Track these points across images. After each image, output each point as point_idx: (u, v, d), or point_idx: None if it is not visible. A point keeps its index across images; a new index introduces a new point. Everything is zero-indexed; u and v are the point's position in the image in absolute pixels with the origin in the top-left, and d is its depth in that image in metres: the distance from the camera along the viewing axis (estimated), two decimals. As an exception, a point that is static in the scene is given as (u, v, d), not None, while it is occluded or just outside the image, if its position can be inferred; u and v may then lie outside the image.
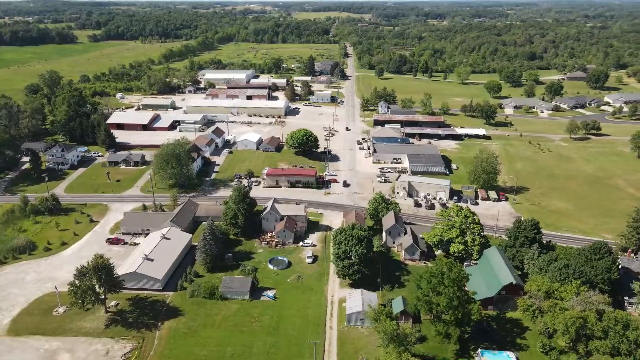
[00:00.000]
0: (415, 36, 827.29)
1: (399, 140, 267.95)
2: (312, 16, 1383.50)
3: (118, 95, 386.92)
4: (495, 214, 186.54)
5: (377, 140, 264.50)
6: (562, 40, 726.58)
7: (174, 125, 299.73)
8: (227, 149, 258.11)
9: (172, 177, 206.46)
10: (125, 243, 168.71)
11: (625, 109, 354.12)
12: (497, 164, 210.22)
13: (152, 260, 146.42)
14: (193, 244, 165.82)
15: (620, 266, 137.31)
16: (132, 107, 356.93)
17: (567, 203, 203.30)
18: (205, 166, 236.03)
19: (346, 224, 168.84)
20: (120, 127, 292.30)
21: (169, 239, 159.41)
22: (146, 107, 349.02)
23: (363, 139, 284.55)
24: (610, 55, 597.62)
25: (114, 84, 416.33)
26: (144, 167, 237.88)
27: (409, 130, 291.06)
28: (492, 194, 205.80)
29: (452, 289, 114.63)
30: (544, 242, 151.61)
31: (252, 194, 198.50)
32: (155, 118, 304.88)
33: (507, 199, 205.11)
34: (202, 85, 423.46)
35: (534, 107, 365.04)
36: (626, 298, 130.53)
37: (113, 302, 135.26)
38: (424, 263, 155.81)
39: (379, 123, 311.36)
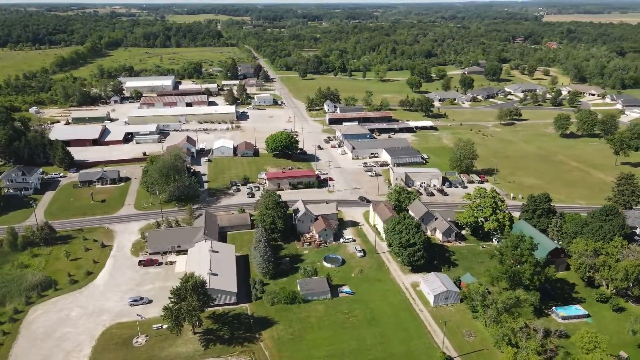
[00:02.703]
0: (310, 38, 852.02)
1: (368, 136, 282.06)
2: (188, 19, 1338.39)
3: (32, 109, 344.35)
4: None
5: (347, 137, 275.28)
6: (443, 39, 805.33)
7: (127, 138, 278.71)
8: (206, 158, 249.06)
9: (175, 190, 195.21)
10: (160, 263, 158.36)
11: (529, 97, 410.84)
12: (474, 150, 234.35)
13: (216, 274, 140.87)
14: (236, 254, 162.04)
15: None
16: (57, 121, 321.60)
17: (534, 179, 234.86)
18: (192, 176, 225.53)
19: (377, 216, 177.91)
20: (66, 143, 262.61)
21: (217, 251, 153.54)
22: (77, 120, 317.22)
23: (329, 137, 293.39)
24: (487, 52, 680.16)
25: (21, 98, 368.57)
26: (122, 184, 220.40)
27: (367, 126, 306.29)
28: (475, 177, 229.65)
29: (533, 258, 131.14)
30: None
31: (256, 197, 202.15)
32: (104, 131, 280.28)
33: (487, 181, 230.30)
34: (127, 95, 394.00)
35: (455, 99, 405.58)
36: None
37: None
38: (459, 243, 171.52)
39: (333, 122, 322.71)
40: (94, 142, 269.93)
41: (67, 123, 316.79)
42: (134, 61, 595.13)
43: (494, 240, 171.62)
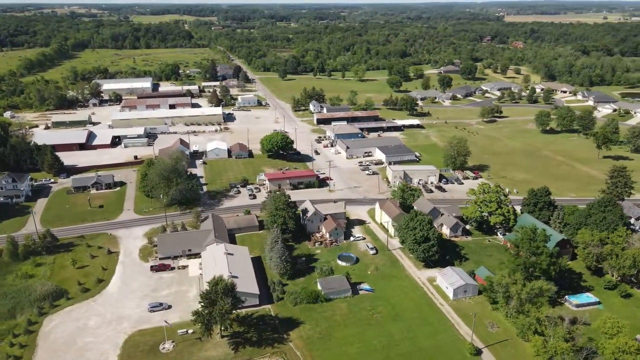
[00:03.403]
0: (283, 38, 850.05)
1: (359, 135, 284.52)
2: (153, 19, 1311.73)
3: (7, 114, 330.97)
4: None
5: (340, 137, 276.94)
6: (414, 39, 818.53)
7: (114, 142, 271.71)
8: (200, 160, 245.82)
9: (177, 193, 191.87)
10: (172, 268, 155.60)
11: (505, 94, 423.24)
12: (467, 147, 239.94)
13: (236, 277, 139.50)
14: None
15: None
16: (36, 126, 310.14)
17: (525, 173, 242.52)
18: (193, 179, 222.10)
19: (385, 213, 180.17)
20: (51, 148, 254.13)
21: (232, 254, 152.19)
22: (58, 124, 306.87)
23: (320, 137, 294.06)
24: (458, 51, 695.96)
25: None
26: (118, 188, 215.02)
27: (356, 125, 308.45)
28: (469, 174, 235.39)
29: (547, 249, 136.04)
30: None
31: (258, 199, 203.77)
32: (90, 135, 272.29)
33: (481, 177, 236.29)
34: (105, 97, 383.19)
35: (436, 98, 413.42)
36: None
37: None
38: (466, 238, 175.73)
39: (322, 122, 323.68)
40: (81, 147, 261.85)
41: (47, 127, 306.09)
42: (104, 63, 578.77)
43: (498, 234, 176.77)
